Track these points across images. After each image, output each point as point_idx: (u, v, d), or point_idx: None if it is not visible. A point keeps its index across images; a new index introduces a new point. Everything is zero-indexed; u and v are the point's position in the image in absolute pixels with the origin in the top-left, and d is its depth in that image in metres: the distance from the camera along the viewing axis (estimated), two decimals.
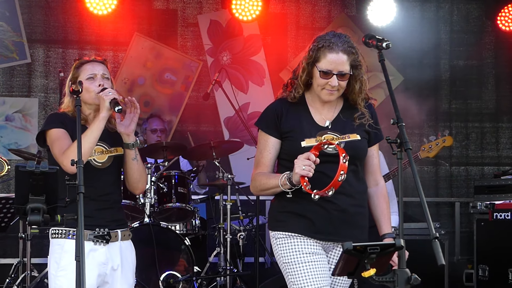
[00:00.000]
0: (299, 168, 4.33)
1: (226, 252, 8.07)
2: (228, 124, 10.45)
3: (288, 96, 4.64)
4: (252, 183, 4.71)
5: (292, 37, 10.60)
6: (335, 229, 4.53)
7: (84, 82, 4.82)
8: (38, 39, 10.02)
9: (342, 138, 4.57)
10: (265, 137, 4.67)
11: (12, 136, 9.86)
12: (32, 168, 3.89)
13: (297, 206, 4.54)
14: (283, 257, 4.56)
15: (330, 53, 4.49)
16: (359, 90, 4.61)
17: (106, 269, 4.82)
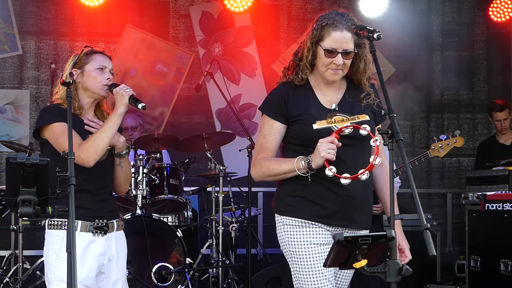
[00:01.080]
0: (324, 151, 4.31)
1: (218, 244, 8.07)
2: (220, 115, 10.45)
3: (294, 79, 4.60)
4: (256, 168, 4.64)
5: (284, 28, 10.60)
6: (344, 214, 4.52)
7: (93, 71, 4.87)
8: (30, 30, 10.01)
9: (352, 119, 4.54)
10: (270, 122, 4.62)
11: (3, 128, 9.85)
12: (23, 160, 3.88)
13: (308, 191, 4.50)
14: (290, 245, 4.53)
15: (334, 31, 4.45)
16: (363, 69, 4.60)
17: (104, 260, 4.84)
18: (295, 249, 4.53)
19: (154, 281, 7.47)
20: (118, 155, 4.98)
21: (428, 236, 3.79)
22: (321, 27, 4.48)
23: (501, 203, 7.41)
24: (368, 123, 4.53)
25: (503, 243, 7.69)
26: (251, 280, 7.85)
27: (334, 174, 4.33)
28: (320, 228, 4.52)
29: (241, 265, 8.19)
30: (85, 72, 4.88)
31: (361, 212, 4.61)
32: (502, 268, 7.68)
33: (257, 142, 4.72)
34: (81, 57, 4.91)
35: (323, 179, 4.44)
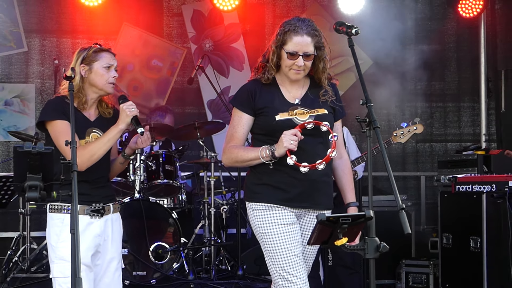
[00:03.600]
0: (287, 142, 4.43)
1: (210, 224, 8.08)
2: (211, 106, 10.45)
3: (261, 78, 4.70)
4: (226, 155, 4.75)
5: (269, 25, 10.59)
6: (306, 197, 4.62)
7: (100, 69, 4.86)
8: (34, 29, 9.97)
9: (312, 112, 4.65)
10: (239, 114, 4.73)
11: (11, 120, 9.83)
12: (29, 149, 3.88)
13: (272, 178, 4.62)
14: (259, 228, 4.63)
15: (295, 36, 4.58)
16: (322, 69, 4.70)
17: (100, 240, 4.85)
18: (264, 230, 4.62)
19: (151, 259, 7.48)
20: (126, 157, 5.04)
21: (403, 216, 3.82)
22: (284, 32, 4.62)
23: (470, 185, 7.42)
24: (326, 117, 4.67)
25: (473, 221, 7.73)
26: (241, 257, 7.87)
27: (295, 162, 4.47)
28: (285, 210, 4.62)
29: (232, 243, 8.21)
30: (93, 69, 4.86)
31: (321, 194, 4.70)
32: (471, 244, 7.73)
33: (227, 132, 4.83)
34: (89, 54, 4.88)
35: (285, 167, 4.56)
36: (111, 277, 4.94)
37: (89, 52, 4.89)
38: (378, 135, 4.11)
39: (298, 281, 4.53)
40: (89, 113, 4.93)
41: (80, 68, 4.84)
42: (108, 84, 4.89)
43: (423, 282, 8.55)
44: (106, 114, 5.01)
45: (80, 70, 4.83)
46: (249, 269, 8.05)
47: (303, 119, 4.61)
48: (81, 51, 4.93)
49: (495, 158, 8.35)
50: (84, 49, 4.95)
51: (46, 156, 3.94)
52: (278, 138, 4.50)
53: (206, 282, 7.43)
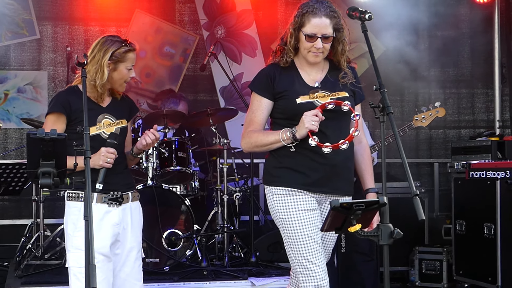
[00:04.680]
0: (308, 123, 4.41)
1: (223, 211, 8.07)
2: (224, 93, 10.44)
3: (280, 62, 4.68)
4: (245, 140, 4.73)
5: (282, 11, 10.57)
6: (326, 182, 4.60)
7: (124, 70, 4.89)
8: (46, 16, 9.96)
9: (333, 95, 4.62)
10: (258, 98, 4.71)
11: (24, 107, 9.84)
12: (42, 135, 3.88)
13: (293, 162, 4.60)
14: (279, 213, 4.60)
15: (313, 17, 4.56)
16: (341, 51, 4.69)
17: (119, 229, 4.86)
18: (284, 216, 4.60)
19: (164, 246, 7.49)
20: (134, 155, 5.07)
21: (417, 202, 3.81)
22: (302, 14, 4.61)
23: (484, 171, 7.42)
24: (348, 99, 4.64)
25: (486, 208, 7.72)
26: (254, 244, 7.87)
27: (317, 143, 4.43)
28: (306, 195, 4.60)
29: (245, 231, 8.20)
30: (118, 69, 4.88)
31: (342, 180, 4.69)
32: (485, 231, 7.71)
33: (246, 116, 4.83)
34: (120, 53, 4.87)
35: (306, 150, 4.55)
36: (131, 267, 4.96)
37: (119, 50, 4.87)
38: (391, 121, 4.10)
39: (317, 268, 4.51)
40: (102, 100, 4.96)
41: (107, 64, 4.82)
42: (124, 84, 4.95)
43: (436, 269, 8.54)
44: (116, 95, 5.03)
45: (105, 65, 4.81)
46: (262, 256, 8.05)
47: (324, 102, 4.57)
48: (108, 44, 4.88)
49: (509, 144, 8.33)
50: (110, 41, 4.89)
51: (59, 142, 3.93)
52: (298, 121, 4.47)
53: (219, 269, 7.42)
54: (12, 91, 9.85)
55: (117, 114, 4.96)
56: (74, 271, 4.73)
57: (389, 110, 4.10)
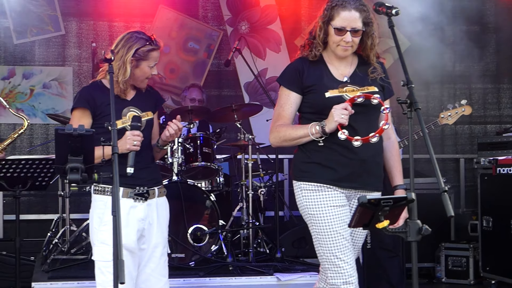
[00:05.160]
0: (338, 116, 4.39)
1: (248, 207, 8.07)
2: (248, 88, 10.44)
3: (308, 55, 4.66)
4: (273, 134, 4.71)
5: (306, 6, 10.55)
6: (356, 177, 4.58)
7: (146, 68, 4.89)
8: (71, 12, 10.01)
9: (362, 89, 4.59)
10: (287, 92, 4.69)
11: (49, 102, 9.89)
12: (70, 131, 3.91)
13: (322, 157, 4.58)
14: (308, 209, 4.58)
15: (343, 11, 4.53)
16: (371, 45, 4.65)
17: (145, 224, 4.86)
18: (314, 211, 4.57)
19: (190, 242, 7.50)
20: (160, 147, 5.07)
21: (446, 198, 3.79)
22: (331, 7, 4.57)
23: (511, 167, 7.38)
24: (377, 94, 4.60)
25: None
26: (279, 240, 7.87)
27: (347, 137, 4.40)
28: (335, 191, 4.57)
29: (270, 226, 8.20)
30: (140, 66, 4.88)
31: (371, 175, 4.66)
32: None
33: (275, 111, 4.80)
34: (143, 51, 4.87)
35: (335, 144, 4.53)
36: (156, 262, 4.96)
37: (143, 48, 4.86)
38: (419, 117, 4.08)
39: (345, 265, 4.49)
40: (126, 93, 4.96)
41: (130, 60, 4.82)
42: (145, 80, 4.96)
43: (463, 265, 8.51)
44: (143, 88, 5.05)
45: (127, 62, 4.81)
46: (287, 252, 8.04)
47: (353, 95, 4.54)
48: (132, 41, 4.87)
49: None
50: (135, 38, 4.89)
51: (87, 138, 3.96)
52: (327, 116, 4.45)
53: (245, 265, 7.43)
54: (38, 86, 9.91)
55: (142, 106, 4.97)
56: (99, 265, 4.76)
57: (417, 106, 4.07)
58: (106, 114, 4.63)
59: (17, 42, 9.88)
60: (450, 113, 7.35)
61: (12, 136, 7.09)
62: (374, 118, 4.62)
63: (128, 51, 4.82)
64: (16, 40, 9.88)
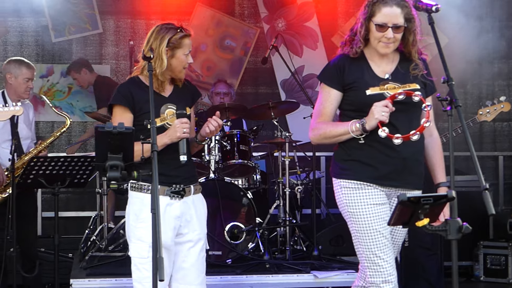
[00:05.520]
0: (378, 113, 4.37)
1: (285, 205, 8.06)
2: (284, 86, 10.45)
3: (349, 52, 4.63)
4: (314, 132, 4.69)
5: (342, 3, 10.55)
6: (396, 175, 4.56)
7: (182, 56, 4.86)
8: (109, 10, 10.09)
9: (403, 87, 4.56)
10: (327, 90, 4.68)
11: (87, 100, 9.97)
12: (110, 129, 3.93)
13: (362, 154, 4.56)
14: (348, 206, 4.57)
15: (384, 7, 4.49)
16: (412, 42, 4.62)
17: (181, 222, 4.86)
18: (353, 209, 4.56)
19: (227, 239, 7.51)
20: (199, 142, 5.07)
21: (487, 196, 3.76)
22: (373, 3, 4.53)
23: None
24: (419, 91, 4.57)
25: None
26: (316, 237, 7.85)
27: (387, 134, 4.37)
28: (375, 189, 4.55)
29: (307, 224, 8.18)
30: (176, 55, 4.85)
31: (412, 173, 4.63)
32: None
33: (315, 108, 4.79)
34: (176, 39, 4.84)
35: (376, 142, 4.50)
36: (195, 258, 4.96)
37: (175, 36, 4.85)
38: (460, 114, 4.04)
39: (385, 264, 4.48)
40: (164, 89, 4.95)
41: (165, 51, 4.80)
42: (183, 70, 4.93)
43: (501, 264, 8.44)
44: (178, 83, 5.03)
45: (163, 53, 4.80)
46: (324, 250, 8.02)
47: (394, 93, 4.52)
48: (163, 32, 4.86)
49: None
50: (165, 29, 4.88)
51: (126, 136, 3.98)
52: (368, 113, 4.43)
53: (282, 262, 7.42)
54: (76, 84, 9.97)
55: (179, 102, 4.95)
56: (135, 262, 4.78)
57: (458, 103, 4.03)
58: (145, 111, 4.65)
59: (55, 40, 9.97)
60: (488, 110, 7.28)
61: (54, 134, 7.16)
62: (416, 115, 4.57)
63: (162, 42, 4.81)
64: (54, 39, 9.97)
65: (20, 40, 10.00)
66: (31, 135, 7.30)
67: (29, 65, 7.22)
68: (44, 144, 7.04)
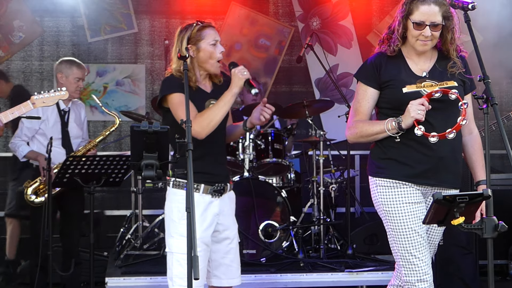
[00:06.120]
0: (414, 112, 4.35)
1: (319, 203, 8.05)
2: (319, 84, 10.43)
3: (386, 50, 4.62)
4: (350, 130, 4.68)
5: (377, 2, 10.52)
6: (432, 174, 4.53)
7: (208, 47, 4.89)
8: (144, 10, 10.15)
9: (440, 84, 4.53)
10: (364, 88, 4.67)
11: (122, 100, 10.03)
12: (146, 128, 3.96)
13: (398, 153, 4.54)
14: (383, 205, 4.55)
15: (422, 5, 4.47)
16: (451, 40, 4.58)
17: (219, 219, 4.93)
18: (389, 208, 4.54)
19: (261, 238, 7.51)
20: (247, 130, 5.08)
21: None
22: (411, 1, 4.51)
23: None
24: (456, 89, 4.53)
25: None
26: (350, 236, 7.84)
27: (423, 133, 4.34)
28: (411, 188, 4.53)
29: (341, 222, 8.17)
30: (201, 48, 4.88)
31: (448, 172, 4.59)
32: None
33: (352, 106, 4.79)
34: (194, 33, 4.88)
35: (412, 140, 4.48)
36: (234, 253, 5.05)
37: (193, 31, 4.89)
38: (496, 112, 4.03)
39: (420, 263, 4.46)
40: (204, 85, 4.99)
41: (190, 49, 4.85)
42: (216, 63, 4.93)
43: None
44: (217, 81, 5.06)
45: (191, 52, 4.85)
46: (358, 248, 8.01)
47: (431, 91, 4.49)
48: (182, 31, 4.93)
49: None
50: (184, 28, 4.95)
51: (162, 135, 4.00)
52: (404, 111, 4.41)
53: (316, 261, 7.42)
54: (111, 84, 10.05)
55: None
56: (177, 257, 4.79)
57: (494, 101, 4.02)
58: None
59: (91, 40, 10.04)
60: None
61: (103, 133, 7.25)
62: (453, 114, 4.52)
63: (182, 42, 4.89)
64: (90, 38, 10.04)
65: (56, 40, 10.07)
66: (81, 134, 7.38)
67: (80, 65, 7.32)
68: (93, 143, 7.13)
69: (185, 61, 4.60)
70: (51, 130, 7.10)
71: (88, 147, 7.11)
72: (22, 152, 7.13)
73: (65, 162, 6.45)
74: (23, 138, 7.17)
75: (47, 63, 10.04)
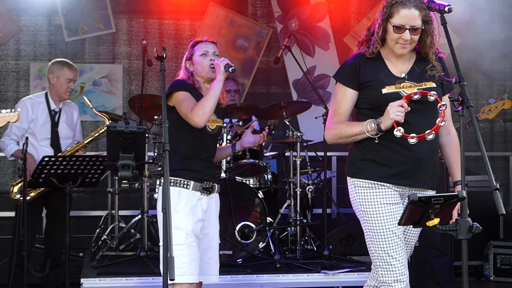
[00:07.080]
0: (393, 113, 4.35)
1: (296, 204, 8.06)
2: (296, 85, 10.45)
3: (365, 52, 4.62)
4: (329, 131, 4.68)
5: (355, 4, 10.55)
6: (410, 175, 4.54)
7: (198, 58, 5.31)
8: (122, 10, 10.11)
9: (420, 85, 4.55)
10: (343, 89, 4.66)
11: (99, 100, 9.97)
12: (122, 128, 3.95)
13: (377, 154, 4.55)
14: (361, 205, 4.56)
15: (403, 8, 4.46)
16: (430, 43, 4.59)
17: (205, 216, 5.20)
18: (366, 209, 4.55)
19: (237, 239, 7.51)
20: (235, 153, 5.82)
21: (497, 196, 3.76)
22: (391, 4, 4.50)
23: None
24: (435, 90, 4.54)
25: None
26: (326, 237, 7.85)
27: (402, 134, 4.35)
28: (389, 189, 4.54)
29: (317, 223, 8.18)
30: (194, 61, 5.32)
31: (427, 173, 4.60)
32: None
33: (331, 107, 4.78)
34: (189, 50, 5.36)
35: (391, 142, 4.48)
36: (213, 251, 5.34)
37: (188, 49, 5.37)
38: (471, 115, 4.04)
39: (397, 263, 4.47)
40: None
41: (187, 64, 5.32)
42: (208, 69, 5.26)
43: (511, 263, 8.41)
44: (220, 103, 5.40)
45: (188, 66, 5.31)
46: (335, 249, 8.03)
47: (410, 92, 4.50)
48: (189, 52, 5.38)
49: None
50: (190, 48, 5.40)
51: (138, 135, 4.00)
52: (383, 112, 4.41)
53: (292, 262, 7.42)
54: (88, 84, 10.01)
55: (218, 113, 5.35)
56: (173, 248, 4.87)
57: (469, 103, 4.02)
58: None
59: (68, 39, 10.00)
60: (490, 108, 7.31)
61: (92, 134, 7.25)
62: (432, 115, 4.53)
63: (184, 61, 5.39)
64: (67, 38, 9.99)
65: (33, 39, 10.02)
66: (72, 135, 7.36)
67: (72, 66, 7.32)
68: (81, 144, 7.13)
69: (162, 61, 4.71)
70: (40, 130, 7.11)
71: (76, 148, 7.10)
72: (10, 151, 7.12)
73: (41, 162, 6.42)
74: (12, 137, 7.15)
75: (23, 62, 9.99)
